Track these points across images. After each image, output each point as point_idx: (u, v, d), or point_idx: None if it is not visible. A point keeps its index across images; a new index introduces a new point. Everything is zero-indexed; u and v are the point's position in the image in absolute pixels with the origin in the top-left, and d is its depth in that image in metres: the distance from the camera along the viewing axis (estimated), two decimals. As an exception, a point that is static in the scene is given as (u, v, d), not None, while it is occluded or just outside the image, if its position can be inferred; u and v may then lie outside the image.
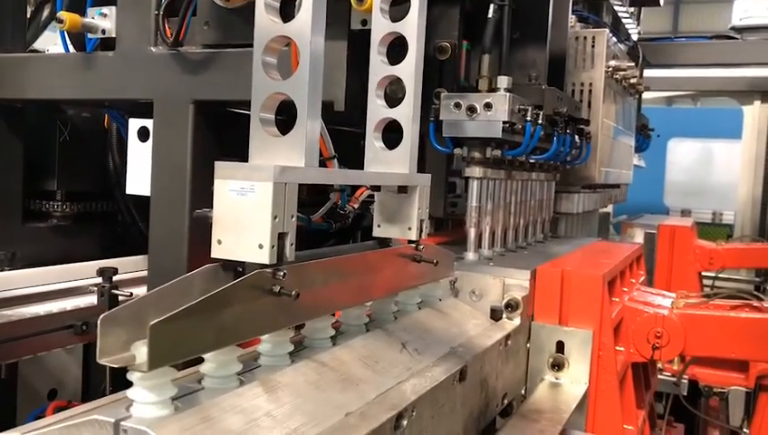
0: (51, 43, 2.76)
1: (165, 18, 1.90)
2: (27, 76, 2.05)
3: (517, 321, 1.57)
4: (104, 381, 2.15)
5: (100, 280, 2.06)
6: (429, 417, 1.14)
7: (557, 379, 1.60)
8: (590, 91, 2.49)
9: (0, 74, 2.08)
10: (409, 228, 1.34)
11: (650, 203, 5.70)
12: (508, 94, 1.71)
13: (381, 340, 1.25)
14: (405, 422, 1.03)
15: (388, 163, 1.34)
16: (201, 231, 2.00)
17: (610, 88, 2.68)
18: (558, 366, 1.61)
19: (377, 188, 1.36)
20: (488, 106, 1.70)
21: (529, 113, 1.77)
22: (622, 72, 2.76)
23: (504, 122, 1.68)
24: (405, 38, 1.34)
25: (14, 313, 1.93)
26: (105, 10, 1.96)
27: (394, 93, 1.39)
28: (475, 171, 1.76)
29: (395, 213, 1.35)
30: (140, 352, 0.83)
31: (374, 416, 1.01)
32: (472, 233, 1.74)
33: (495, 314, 1.59)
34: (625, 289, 1.93)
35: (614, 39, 2.80)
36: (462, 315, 1.56)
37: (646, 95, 4.00)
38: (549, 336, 1.62)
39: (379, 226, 1.38)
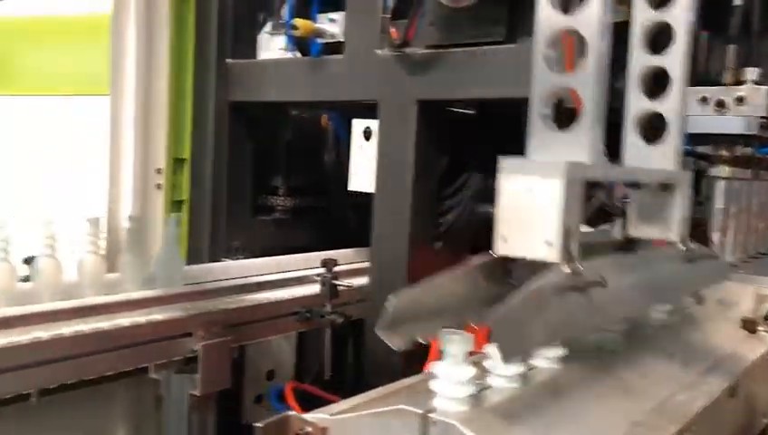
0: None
1: (391, 20, 1.96)
2: (261, 80, 2.22)
3: (776, 333, 1.46)
4: (315, 366, 2.28)
5: (321, 270, 2.18)
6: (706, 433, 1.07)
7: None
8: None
9: (236, 79, 2.27)
10: (670, 229, 1.27)
11: None
12: (764, 87, 1.56)
13: (645, 348, 1.21)
14: (686, 438, 0.98)
15: (647, 159, 1.28)
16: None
17: None
18: (821, 388, 1.45)
19: (634, 186, 1.30)
20: (740, 100, 1.56)
21: (786, 107, 1.60)
22: None
23: (762, 117, 1.54)
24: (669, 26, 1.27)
25: (249, 298, 2.09)
26: (334, 16, 2.08)
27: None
28: (723, 171, 1.63)
29: (654, 212, 1.29)
30: (452, 347, 0.85)
31: (658, 427, 0.96)
32: (716, 238, 1.62)
33: (749, 326, 1.46)
34: None
35: None
36: (714, 325, 1.46)
37: None
38: (811, 353, 1.47)
39: (633, 225, 1.32)
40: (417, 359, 1.95)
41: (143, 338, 1.67)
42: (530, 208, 0.98)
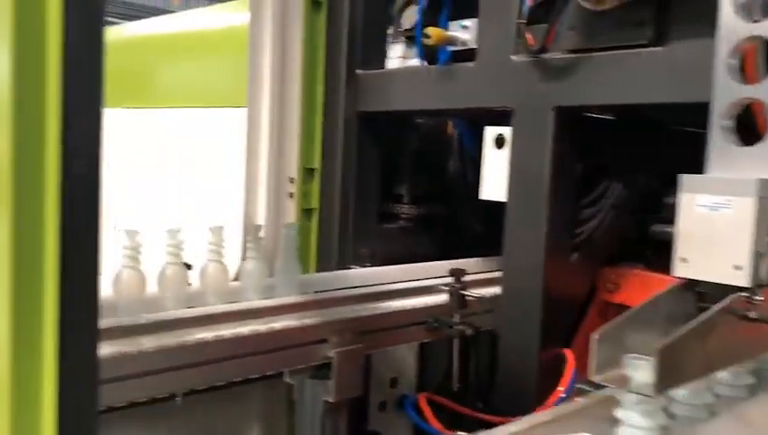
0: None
1: (526, 26, 1.92)
2: (391, 90, 2.23)
3: None
4: (438, 375, 2.26)
5: (449, 279, 2.16)
6: None
7: None
8: None
9: (366, 89, 2.30)
10: None
11: None
12: None
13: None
14: None
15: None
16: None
17: None
18: None
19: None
20: None
21: None
22: None
23: None
24: None
25: (380, 306, 2.10)
26: (466, 23, 2.05)
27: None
28: None
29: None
30: (639, 374, 0.81)
31: None
32: None
33: None
34: None
35: None
36: None
37: None
38: None
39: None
40: (552, 372, 1.91)
41: (282, 343, 1.71)
42: (716, 229, 0.91)
